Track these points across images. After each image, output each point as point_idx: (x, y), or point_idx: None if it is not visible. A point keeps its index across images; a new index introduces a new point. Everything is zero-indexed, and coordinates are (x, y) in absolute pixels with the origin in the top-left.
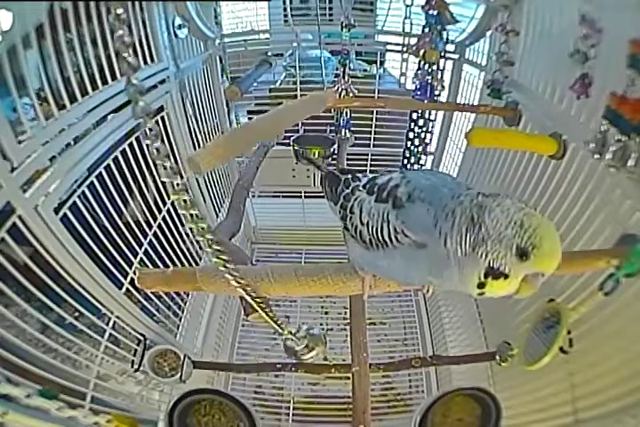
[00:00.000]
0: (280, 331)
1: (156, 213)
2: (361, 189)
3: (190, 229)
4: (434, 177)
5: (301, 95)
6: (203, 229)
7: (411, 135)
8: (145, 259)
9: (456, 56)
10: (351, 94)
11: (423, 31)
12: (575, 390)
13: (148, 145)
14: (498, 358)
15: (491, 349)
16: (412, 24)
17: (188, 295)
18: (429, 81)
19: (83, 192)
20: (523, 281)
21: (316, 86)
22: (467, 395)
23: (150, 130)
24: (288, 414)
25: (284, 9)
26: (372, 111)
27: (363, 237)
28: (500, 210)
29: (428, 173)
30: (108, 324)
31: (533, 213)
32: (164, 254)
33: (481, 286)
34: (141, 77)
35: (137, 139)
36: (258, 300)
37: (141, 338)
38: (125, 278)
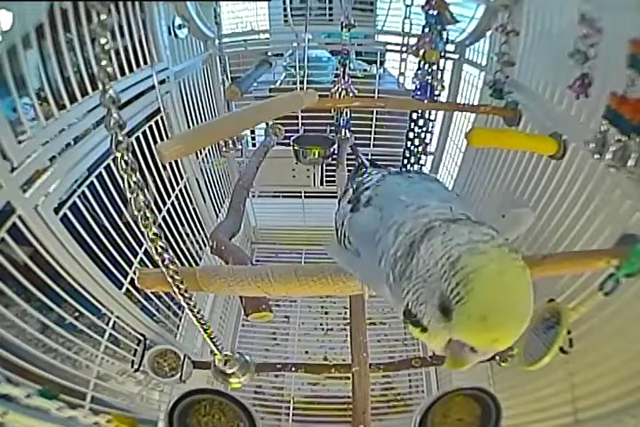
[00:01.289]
0: (216, 352)
1: (156, 212)
2: (354, 185)
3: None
4: (417, 184)
5: None
6: (160, 247)
7: (411, 135)
8: (145, 259)
9: (456, 56)
10: (351, 94)
11: (423, 31)
12: (575, 390)
13: (115, 158)
14: (498, 358)
15: None
16: (411, 24)
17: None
18: (429, 81)
19: (83, 192)
20: (447, 347)
21: (317, 86)
22: (467, 395)
23: (120, 142)
24: (288, 414)
25: (284, 9)
26: (372, 111)
27: (337, 234)
28: (443, 239)
29: (418, 177)
30: (108, 324)
31: (485, 250)
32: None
33: (405, 322)
34: (141, 77)
35: (137, 139)
36: (195, 311)
37: (141, 338)
38: (125, 278)
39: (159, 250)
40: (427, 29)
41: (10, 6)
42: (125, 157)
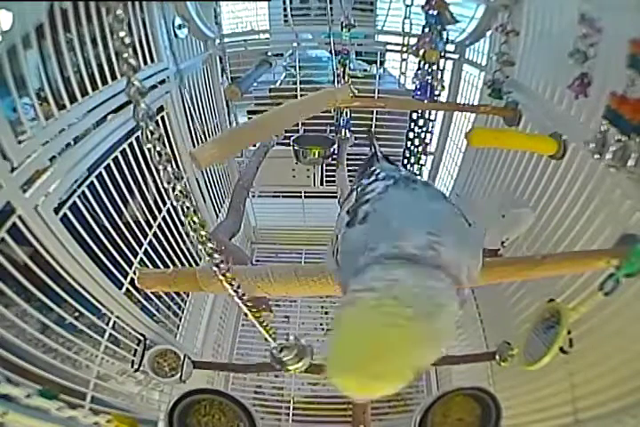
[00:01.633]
0: (270, 340)
1: (156, 212)
2: (358, 189)
3: (189, 235)
4: (416, 204)
5: (301, 95)
6: (202, 236)
7: (411, 135)
8: (145, 259)
9: (456, 56)
10: (351, 94)
11: (423, 31)
12: (575, 390)
13: (149, 149)
14: (498, 357)
15: (491, 349)
16: (411, 24)
17: (187, 295)
18: (429, 81)
19: (83, 192)
20: None
21: (317, 86)
22: (467, 395)
23: (152, 133)
24: (288, 414)
25: (284, 9)
26: (372, 111)
27: (332, 245)
28: (353, 286)
29: (423, 189)
30: (108, 324)
31: (358, 303)
32: (164, 254)
33: None
34: (141, 77)
35: (137, 139)
36: (249, 305)
37: (141, 338)
38: (125, 278)
39: (209, 251)
40: (427, 29)
41: (10, 6)
42: (158, 148)
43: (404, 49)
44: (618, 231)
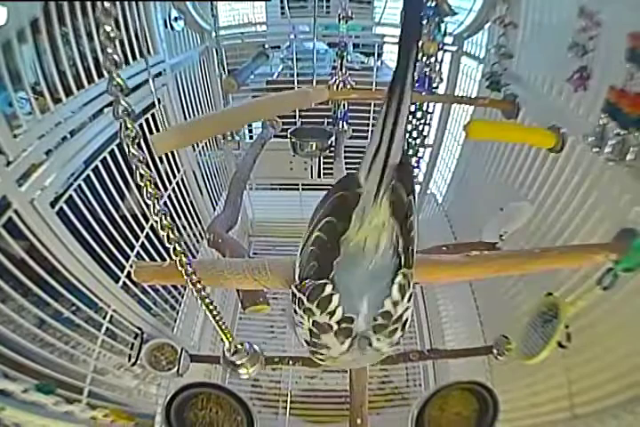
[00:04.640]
0: (227, 341)
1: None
2: None
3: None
4: None
5: (298, 88)
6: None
7: (408, 127)
8: (142, 252)
9: (454, 48)
10: (349, 86)
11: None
12: (572, 385)
13: (127, 146)
14: (495, 351)
15: (488, 343)
16: None
17: (185, 288)
18: (427, 73)
19: (79, 186)
20: None
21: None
22: (464, 389)
23: (129, 131)
24: (285, 408)
25: (281, 1)
26: (370, 104)
27: None
28: None
29: None
30: (104, 318)
31: None
32: (160, 247)
33: None
34: (137, 70)
35: None
36: (208, 303)
37: (138, 332)
38: (122, 272)
39: (173, 244)
40: (424, 21)
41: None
42: (132, 149)
43: None
44: (616, 225)
